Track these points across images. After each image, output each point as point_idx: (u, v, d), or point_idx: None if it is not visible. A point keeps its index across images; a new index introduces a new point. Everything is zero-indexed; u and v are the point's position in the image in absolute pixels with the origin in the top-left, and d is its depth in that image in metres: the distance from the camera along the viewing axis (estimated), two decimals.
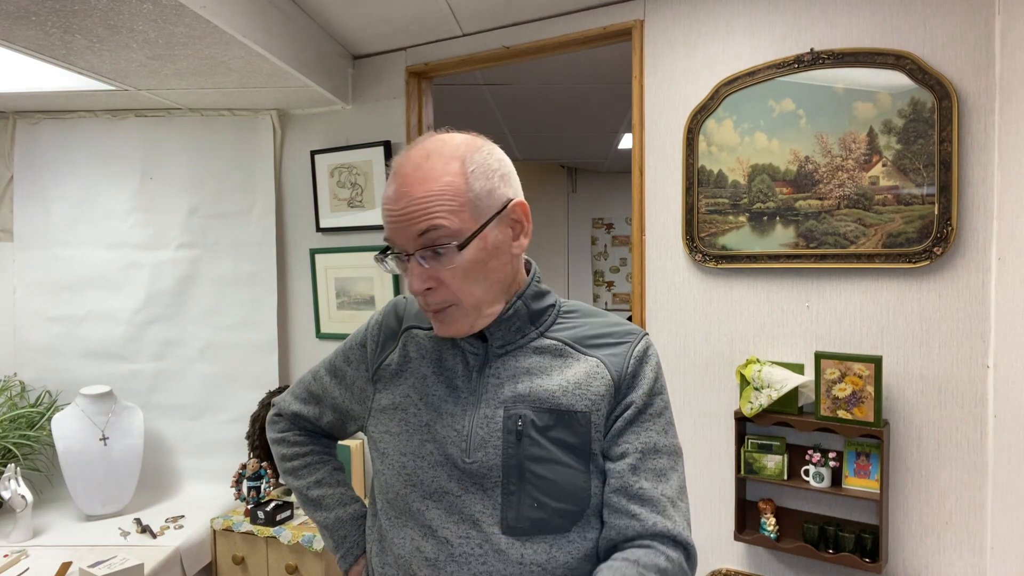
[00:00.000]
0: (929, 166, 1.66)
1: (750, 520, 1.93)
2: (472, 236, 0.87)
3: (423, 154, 0.89)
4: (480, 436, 0.91)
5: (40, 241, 2.63)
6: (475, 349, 0.97)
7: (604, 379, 0.93)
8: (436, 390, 0.97)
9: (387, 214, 0.90)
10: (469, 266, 0.88)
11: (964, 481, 1.68)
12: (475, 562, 0.89)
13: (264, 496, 2.37)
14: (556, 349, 0.96)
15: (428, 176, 0.87)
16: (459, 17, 2.23)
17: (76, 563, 1.95)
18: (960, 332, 1.67)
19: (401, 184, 0.88)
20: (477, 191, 0.88)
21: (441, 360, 0.99)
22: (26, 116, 2.63)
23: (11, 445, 2.33)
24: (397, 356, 1.02)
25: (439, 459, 0.93)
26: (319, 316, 2.69)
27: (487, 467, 0.90)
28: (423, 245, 0.87)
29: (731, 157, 1.92)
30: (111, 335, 2.63)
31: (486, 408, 0.93)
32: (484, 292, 0.91)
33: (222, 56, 1.99)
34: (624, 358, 0.95)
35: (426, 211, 0.86)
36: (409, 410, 0.97)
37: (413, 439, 0.95)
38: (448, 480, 0.92)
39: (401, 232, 0.88)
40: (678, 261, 2.04)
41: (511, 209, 0.92)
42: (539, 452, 0.90)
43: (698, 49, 1.98)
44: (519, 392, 0.92)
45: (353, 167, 2.56)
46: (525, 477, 0.89)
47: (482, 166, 0.90)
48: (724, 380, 1.98)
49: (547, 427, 0.90)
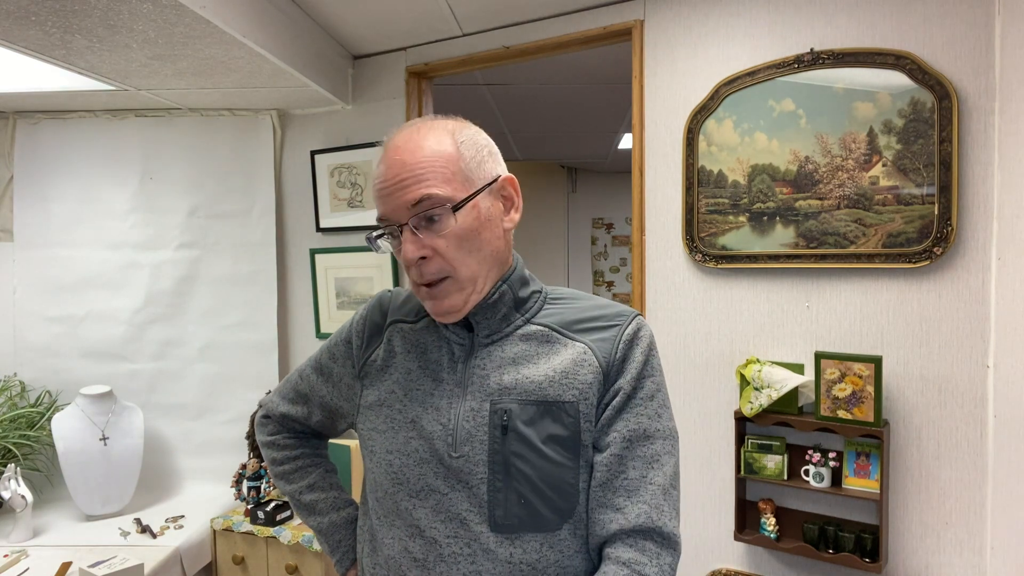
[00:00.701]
0: (929, 166, 1.66)
1: (750, 520, 1.93)
2: (465, 200, 0.88)
3: (413, 129, 0.91)
4: (466, 430, 0.90)
5: (40, 241, 2.63)
6: (461, 339, 0.95)
7: (592, 366, 0.90)
8: (422, 384, 0.95)
9: (380, 187, 0.90)
10: (463, 234, 0.88)
11: (964, 481, 1.68)
12: (464, 562, 0.88)
13: (264, 496, 2.37)
14: (542, 335, 0.93)
15: (420, 146, 0.88)
16: (459, 17, 2.23)
17: (76, 563, 1.95)
18: (960, 332, 1.67)
19: (393, 154, 0.89)
20: (468, 160, 0.90)
21: (426, 353, 0.97)
22: (26, 116, 2.63)
23: (11, 445, 2.33)
24: (383, 351, 1.01)
25: (424, 456, 0.91)
26: (319, 316, 2.69)
27: (473, 462, 0.88)
28: (416, 214, 0.87)
29: (731, 157, 1.92)
30: (111, 335, 2.62)
31: (472, 400, 0.91)
32: (479, 264, 0.90)
33: (222, 56, 1.99)
34: (613, 343, 0.91)
35: (419, 179, 0.87)
36: (395, 406, 0.96)
37: (399, 436, 0.94)
38: (434, 478, 0.90)
39: (394, 202, 0.88)
40: (678, 261, 2.04)
41: (501, 184, 0.94)
42: (524, 447, 0.87)
43: (698, 49, 1.98)
44: (505, 384, 0.90)
45: (353, 167, 2.56)
46: (511, 473, 0.87)
47: (471, 140, 0.92)
48: (724, 380, 1.98)
49: (533, 420, 0.88)
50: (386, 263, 2.53)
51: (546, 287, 1.01)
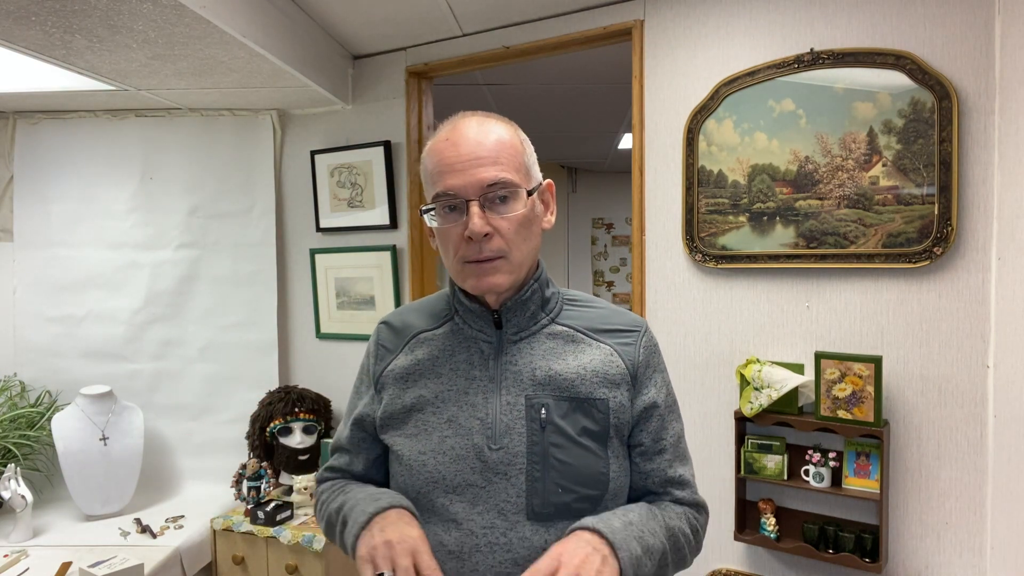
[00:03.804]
0: (929, 166, 1.66)
1: (750, 520, 1.93)
2: (535, 189, 0.96)
3: (481, 117, 0.95)
4: (504, 423, 0.93)
5: (40, 241, 2.63)
6: (489, 337, 0.99)
7: (619, 367, 0.98)
8: (453, 384, 0.98)
9: (451, 162, 0.91)
10: (523, 221, 0.93)
11: (964, 481, 1.68)
12: (499, 551, 0.90)
13: (264, 496, 2.37)
14: (567, 335, 0.99)
15: (493, 132, 0.93)
16: (459, 17, 2.23)
17: (76, 563, 1.95)
18: (960, 332, 1.67)
19: (466, 133, 0.92)
20: (528, 157, 0.97)
21: (454, 355, 1.00)
22: (26, 116, 2.63)
23: (11, 445, 2.33)
24: (403, 360, 1.02)
25: (461, 453, 0.94)
26: (319, 316, 2.69)
27: (512, 454, 0.92)
28: (487, 193, 0.91)
29: (731, 157, 1.92)
30: (111, 335, 2.63)
31: (507, 395, 0.95)
32: (527, 252, 0.95)
33: (222, 56, 1.99)
34: (635, 347, 1.01)
35: (495, 161, 0.91)
36: (425, 409, 0.98)
37: (432, 437, 0.96)
38: (471, 473, 0.93)
39: (467, 178, 0.90)
40: (678, 261, 2.04)
41: (546, 186, 1.01)
42: (562, 439, 0.93)
43: (698, 49, 1.98)
44: (538, 379, 0.95)
45: (353, 167, 2.56)
46: (549, 463, 0.92)
47: (528, 141, 0.99)
48: (724, 380, 1.98)
49: (567, 414, 0.94)
50: (386, 263, 2.53)
51: (559, 288, 1.06)
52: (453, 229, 0.92)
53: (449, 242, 0.93)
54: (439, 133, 0.95)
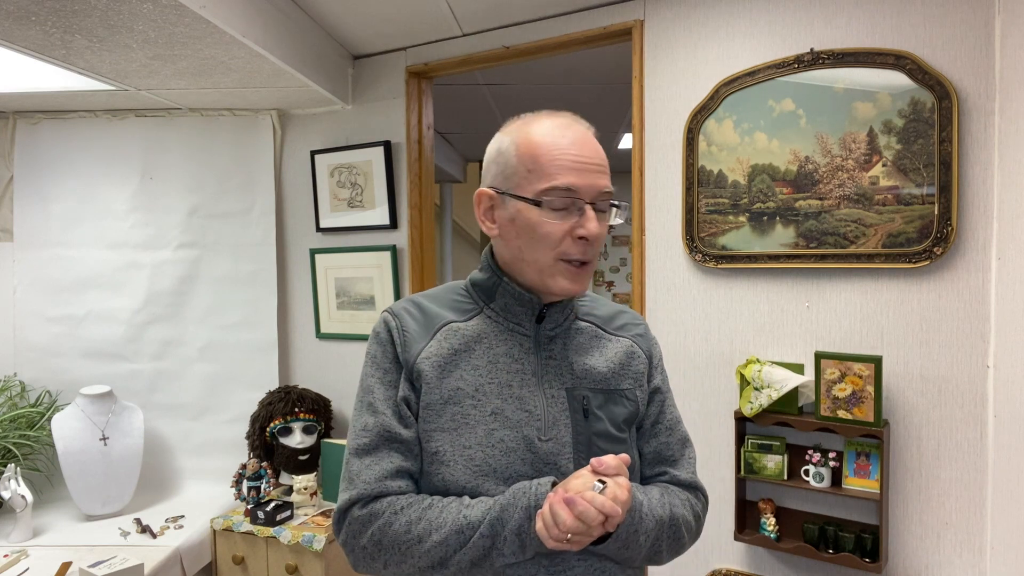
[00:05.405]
0: (929, 166, 1.66)
1: (750, 520, 1.93)
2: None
3: (584, 124, 1.00)
4: (552, 415, 0.96)
5: (40, 241, 2.63)
6: (527, 331, 1.00)
7: (641, 359, 1.05)
8: (494, 376, 0.96)
9: (579, 160, 0.94)
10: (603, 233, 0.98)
11: (964, 481, 1.68)
12: None
13: (264, 496, 2.36)
14: (590, 331, 1.05)
15: (598, 144, 0.99)
16: (459, 17, 2.23)
17: (76, 563, 1.95)
18: (960, 332, 1.67)
19: (584, 136, 0.96)
20: None
21: (492, 348, 0.98)
22: (26, 116, 2.63)
23: (11, 445, 2.33)
24: (436, 348, 0.97)
25: (511, 445, 0.94)
26: (319, 316, 2.69)
27: (560, 443, 0.95)
28: (603, 199, 0.95)
29: (731, 157, 1.92)
30: (111, 335, 2.62)
31: (549, 388, 0.98)
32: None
33: (222, 56, 1.99)
34: (647, 339, 1.09)
35: (607, 171, 0.97)
36: (464, 402, 0.94)
37: (477, 430, 0.93)
38: (521, 464, 0.94)
39: (591, 179, 0.94)
40: (678, 261, 2.04)
41: None
42: (603, 428, 0.98)
43: (698, 49, 1.98)
44: (576, 372, 1.00)
45: (353, 167, 2.56)
46: (593, 452, 0.95)
47: None
48: (724, 380, 1.98)
49: (603, 405, 1.00)
50: (386, 263, 2.53)
51: None
52: (559, 225, 0.93)
53: (548, 237, 0.93)
54: (540, 126, 0.97)
